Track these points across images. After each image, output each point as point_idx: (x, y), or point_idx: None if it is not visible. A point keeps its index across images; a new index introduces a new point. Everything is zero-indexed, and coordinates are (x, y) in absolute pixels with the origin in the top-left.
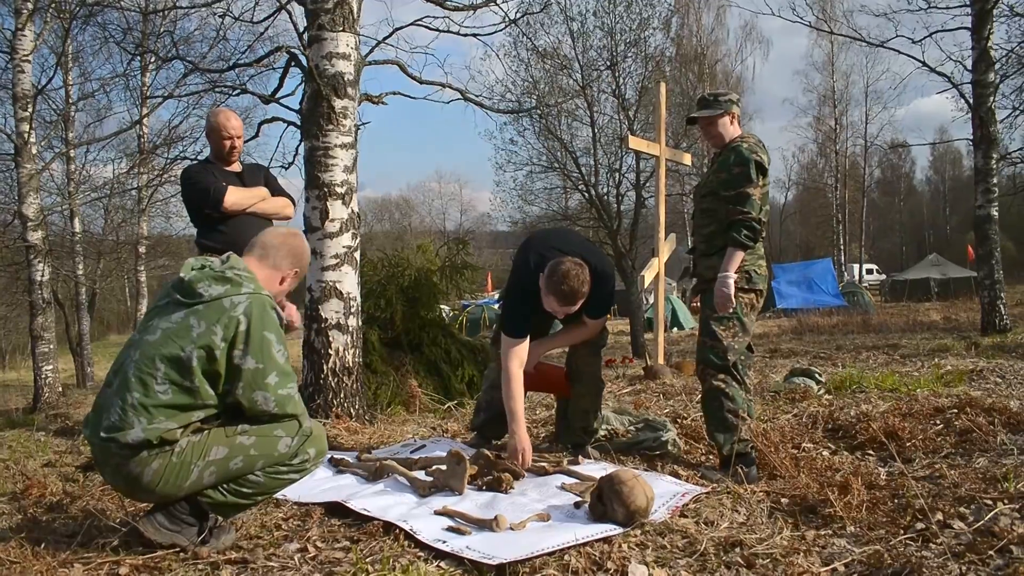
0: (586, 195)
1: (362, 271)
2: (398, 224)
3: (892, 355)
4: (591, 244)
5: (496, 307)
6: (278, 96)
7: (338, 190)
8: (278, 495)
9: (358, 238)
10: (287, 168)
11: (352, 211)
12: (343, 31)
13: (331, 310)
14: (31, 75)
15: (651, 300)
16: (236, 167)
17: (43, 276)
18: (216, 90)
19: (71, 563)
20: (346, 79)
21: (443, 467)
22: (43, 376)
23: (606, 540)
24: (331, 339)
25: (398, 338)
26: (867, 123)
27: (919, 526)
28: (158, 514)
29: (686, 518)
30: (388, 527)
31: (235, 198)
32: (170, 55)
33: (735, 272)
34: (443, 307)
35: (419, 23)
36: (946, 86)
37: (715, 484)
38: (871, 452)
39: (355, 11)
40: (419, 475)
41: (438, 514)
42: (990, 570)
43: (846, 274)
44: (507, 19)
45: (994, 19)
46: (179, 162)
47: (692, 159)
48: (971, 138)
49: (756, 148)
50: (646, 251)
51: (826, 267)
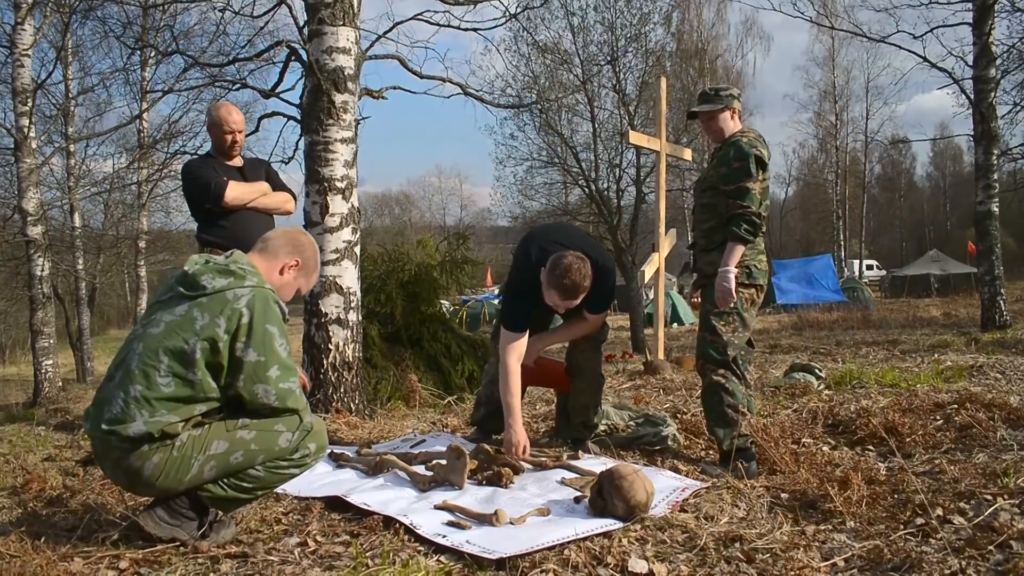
0: (586, 190)
1: (362, 266)
2: (398, 219)
3: (892, 351)
4: (592, 239)
5: (496, 302)
6: (278, 91)
7: (338, 185)
8: (278, 489)
9: (358, 233)
10: (287, 163)
11: (352, 206)
12: (343, 25)
13: (331, 305)
14: (31, 69)
15: (651, 295)
16: (237, 161)
17: (43, 271)
18: (216, 85)
19: (71, 557)
20: (346, 73)
21: (443, 462)
22: (43, 371)
23: (606, 535)
24: (331, 334)
25: (398, 333)
26: (868, 119)
27: (919, 521)
28: (158, 508)
29: (686, 513)
30: (388, 521)
31: (236, 193)
32: (170, 49)
33: (735, 267)
34: (443, 302)
35: (419, 17)
36: (947, 82)
37: (715, 479)
38: (871, 447)
39: (355, 5)
40: (419, 470)
41: (438, 508)
42: (990, 565)
43: (846, 270)
44: (508, 13)
45: (995, 14)
46: (179, 157)
47: (692, 154)
48: (972, 134)
49: (756, 143)
50: (646, 246)
51: (826, 263)
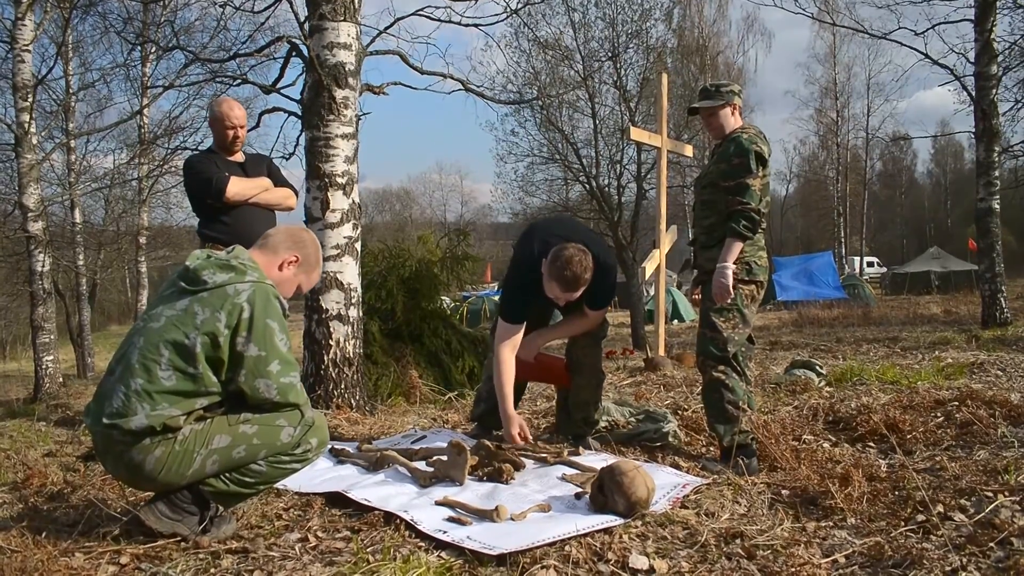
0: (587, 187)
1: (363, 262)
2: (399, 215)
3: (893, 348)
4: (595, 234)
5: (496, 298)
6: (279, 86)
7: (339, 180)
8: (279, 485)
9: (359, 229)
10: (288, 158)
11: (353, 201)
12: (344, 21)
13: (332, 301)
14: (31, 65)
15: (652, 292)
16: (239, 157)
17: (44, 266)
18: (217, 80)
19: (72, 552)
20: (347, 69)
21: (444, 457)
22: (44, 366)
23: (607, 531)
24: (332, 330)
25: (399, 329)
26: (869, 115)
27: (920, 518)
28: (159, 503)
29: (687, 509)
30: (389, 517)
31: (237, 188)
32: (171, 45)
33: (734, 263)
34: (444, 298)
35: (421, 13)
36: (948, 78)
37: (716, 475)
38: (872, 444)
39: (356, 1)
40: (420, 465)
41: (439, 504)
42: (991, 562)
43: (847, 267)
44: (508, 9)
45: (997, 11)
46: (180, 152)
47: (693, 151)
48: (973, 131)
49: (756, 139)
50: (647, 243)
51: (827, 261)
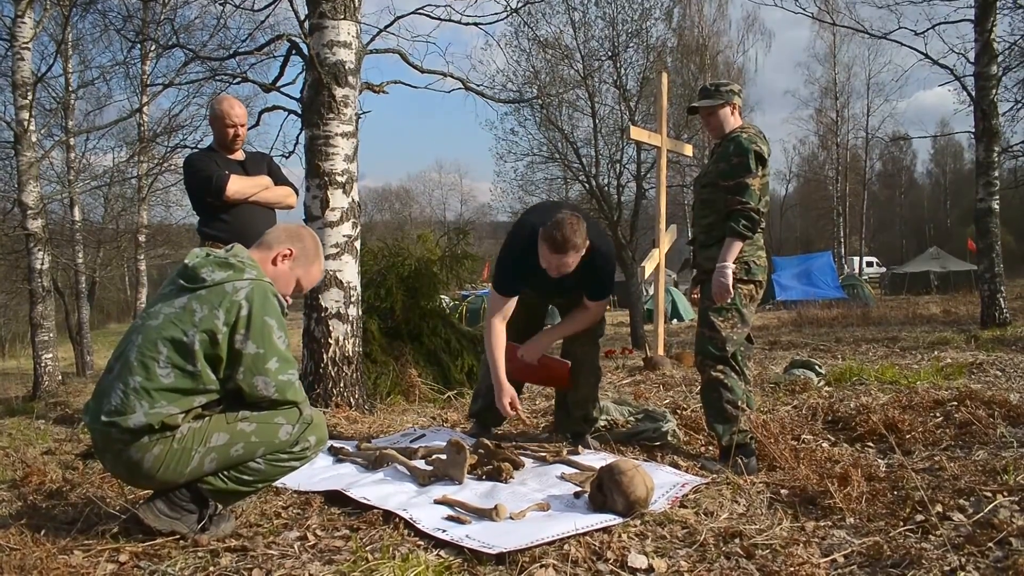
0: (587, 186)
1: (362, 260)
2: (398, 214)
3: (892, 348)
4: (596, 222)
5: None
6: (279, 85)
7: (339, 179)
8: (278, 483)
9: (358, 227)
10: (288, 157)
11: (352, 200)
12: (344, 19)
13: (331, 299)
14: (31, 63)
15: (651, 291)
16: (239, 155)
17: (43, 264)
18: (216, 78)
19: (71, 550)
20: (347, 68)
21: (443, 456)
22: (43, 364)
23: (606, 530)
24: (331, 328)
25: (398, 328)
26: (868, 115)
27: (919, 518)
28: (158, 501)
29: (686, 508)
30: (388, 516)
31: (237, 187)
32: (170, 43)
33: (733, 262)
34: (443, 297)
35: (421, 12)
36: (948, 79)
37: (715, 475)
38: (871, 444)
39: None
40: (419, 464)
41: (438, 503)
42: (989, 562)
43: (846, 266)
44: (509, 8)
45: (997, 11)
46: (179, 150)
47: (693, 150)
48: (973, 131)
49: (756, 138)
50: (646, 242)
51: (826, 262)
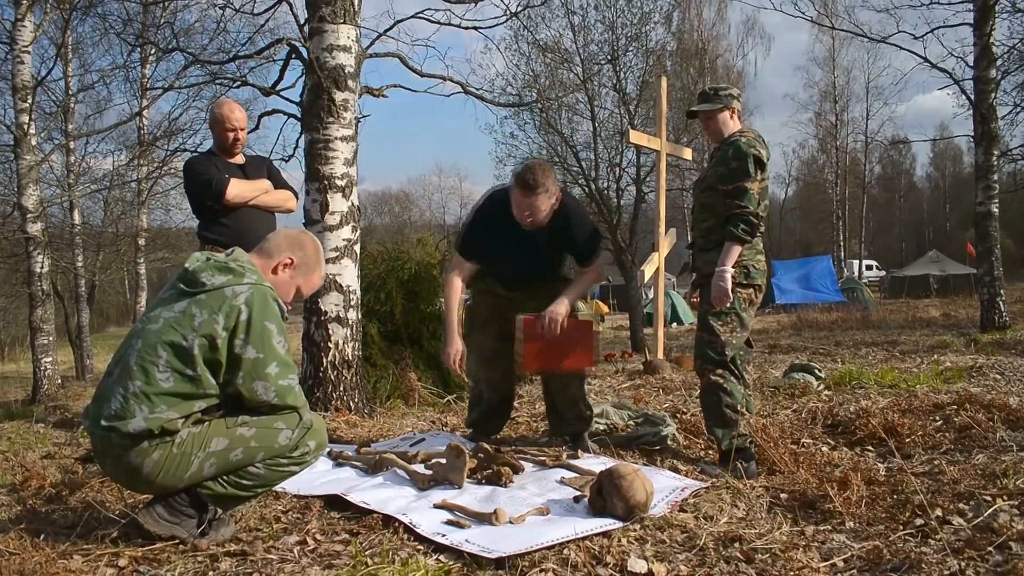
0: (586, 189)
1: (362, 264)
2: (398, 218)
3: (891, 351)
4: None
5: None
6: (278, 88)
7: (338, 183)
8: (277, 487)
9: (358, 231)
10: (287, 161)
11: (352, 204)
12: (344, 23)
13: (331, 303)
14: (31, 66)
15: (651, 295)
16: (239, 159)
17: (42, 268)
18: (216, 82)
19: (70, 554)
20: (347, 72)
21: (442, 460)
22: (42, 368)
23: (605, 534)
24: (331, 332)
25: (398, 331)
26: (868, 119)
27: (918, 522)
28: (157, 506)
29: (685, 513)
30: (387, 520)
31: (237, 190)
32: (170, 47)
33: (733, 267)
34: (443, 301)
35: (420, 15)
36: (947, 82)
37: (714, 479)
38: (870, 448)
39: (356, 3)
40: (418, 468)
41: (437, 507)
42: (989, 566)
43: (846, 270)
44: (508, 12)
45: (996, 15)
46: (179, 154)
47: (692, 154)
48: (972, 135)
49: (755, 143)
50: (646, 246)
51: (826, 267)
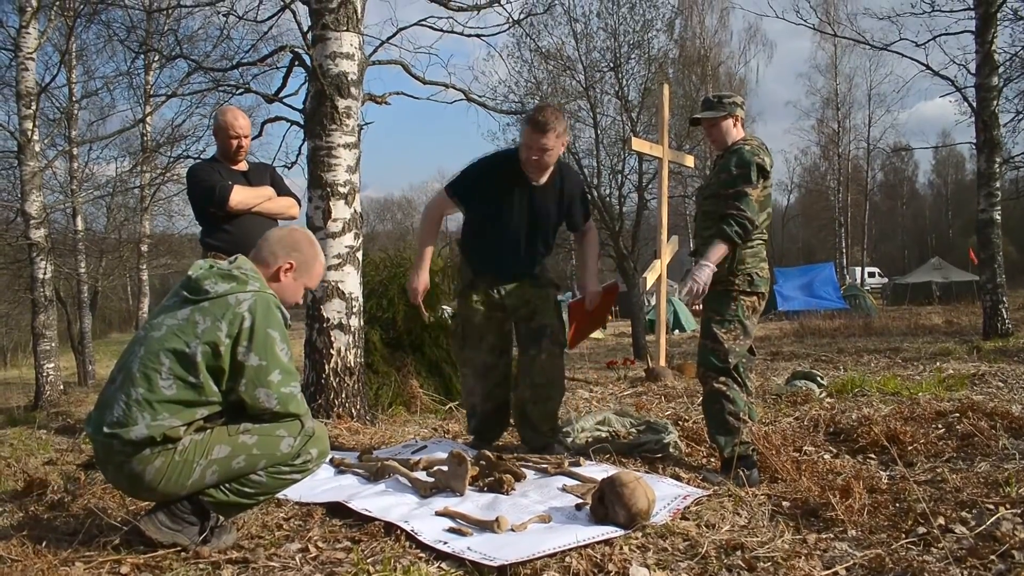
0: (589, 196)
1: (364, 271)
2: (400, 224)
3: (894, 359)
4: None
5: None
6: (281, 95)
7: (341, 190)
8: (279, 495)
9: (360, 238)
10: (290, 168)
11: (355, 211)
12: (347, 31)
13: (333, 310)
14: (35, 73)
15: (653, 302)
16: (242, 166)
17: (45, 274)
18: (219, 89)
19: (72, 561)
20: (349, 79)
21: (444, 468)
22: (44, 374)
23: (607, 542)
24: (333, 339)
25: (400, 338)
26: (870, 126)
27: (921, 530)
28: (159, 513)
29: (687, 520)
30: (389, 528)
31: (240, 197)
32: (174, 54)
33: (715, 263)
34: (445, 307)
35: (423, 23)
36: (949, 89)
37: (716, 487)
38: (873, 456)
39: (359, 11)
40: (420, 476)
41: (439, 515)
42: (992, 575)
43: (848, 277)
44: (511, 20)
45: (998, 23)
46: (182, 161)
47: (695, 161)
48: (974, 142)
49: (758, 150)
50: (648, 253)
51: (828, 274)
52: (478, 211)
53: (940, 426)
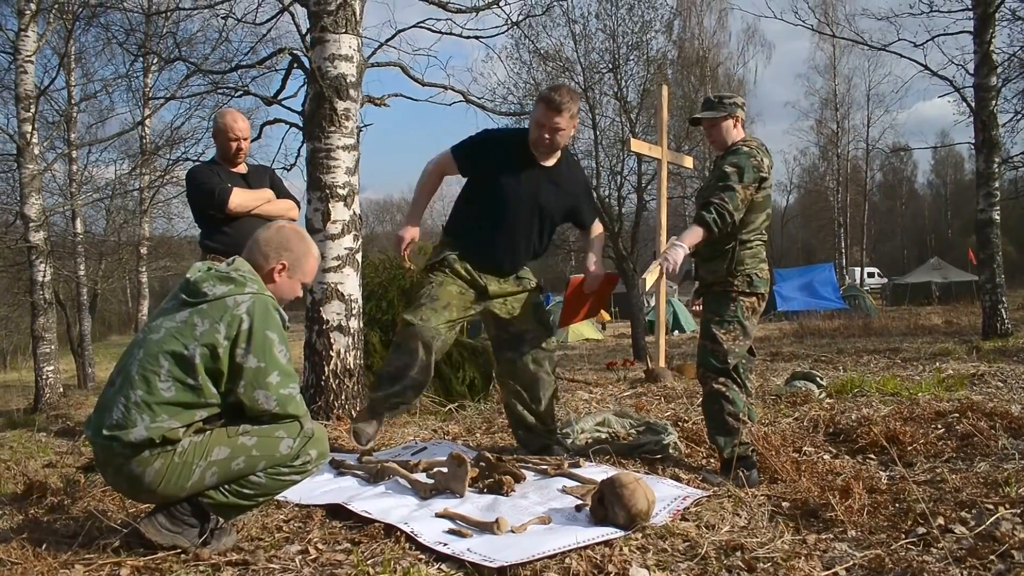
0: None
1: (364, 273)
2: (400, 226)
3: (893, 359)
4: None
5: None
6: (280, 98)
7: (340, 192)
8: (279, 496)
9: (360, 240)
10: (289, 170)
11: (354, 213)
12: (346, 33)
13: (332, 312)
14: (34, 76)
15: (652, 303)
16: (242, 168)
17: (45, 277)
18: (218, 92)
19: (72, 564)
20: (348, 81)
21: (444, 469)
22: (44, 376)
23: (607, 543)
24: (332, 341)
25: None
26: (869, 126)
27: (920, 530)
28: (159, 515)
29: (687, 521)
30: (389, 529)
31: (240, 200)
32: (172, 56)
33: (689, 246)
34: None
35: (421, 25)
36: (948, 90)
37: (716, 488)
38: (872, 456)
39: (358, 13)
40: (420, 477)
41: (439, 516)
42: (991, 575)
43: (847, 277)
44: (509, 21)
45: (996, 23)
46: (181, 163)
47: (694, 162)
48: (973, 142)
49: (757, 152)
50: (647, 254)
51: (828, 275)
52: (480, 181)
53: (940, 426)
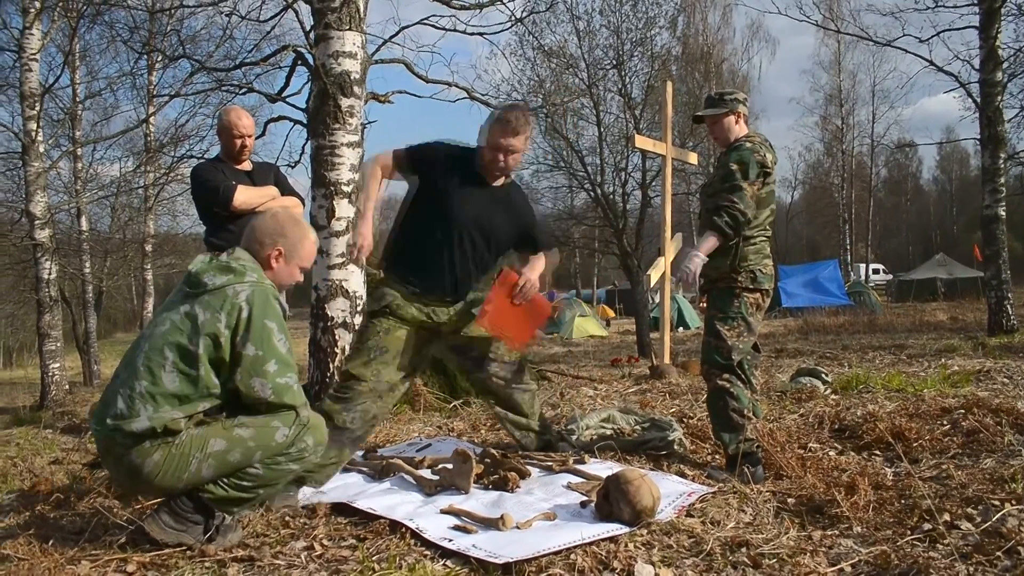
0: (592, 194)
1: (368, 270)
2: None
3: (899, 355)
4: None
5: None
6: (284, 95)
7: (344, 189)
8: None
9: None
10: (293, 167)
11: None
12: (350, 30)
13: (337, 309)
14: (38, 74)
15: (657, 299)
16: (246, 165)
17: (50, 274)
18: (223, 89)
19: (79, 560)
20: (352, 78)
21: (449, 466)
22: (50, 374)
23: (612, 539)
24: (337, 338)
25: None
26: (874, 122)
27: (926, 527)
28: (163, 513)
29: (692, 518)
30: (394, 525)
31: (244, 197)
32: (177, 54)
33: (706, 254)
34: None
35: (425, 22)
36: (953, 85)
37: (721, 484)
38: (878, 452)
39: (361, 10)
40: (425, 474)
41: (444, 513)
42: (997, 571)
43: (852, 274)
44: (513, 18)
45: (1002, 18)
46: (185, 161)
47: (698, 158)
48: (978, 137)
49: (760, 147)
50: (652, 250)
51: (832, 273)
52: (426, 196)
53: (945, 422)
